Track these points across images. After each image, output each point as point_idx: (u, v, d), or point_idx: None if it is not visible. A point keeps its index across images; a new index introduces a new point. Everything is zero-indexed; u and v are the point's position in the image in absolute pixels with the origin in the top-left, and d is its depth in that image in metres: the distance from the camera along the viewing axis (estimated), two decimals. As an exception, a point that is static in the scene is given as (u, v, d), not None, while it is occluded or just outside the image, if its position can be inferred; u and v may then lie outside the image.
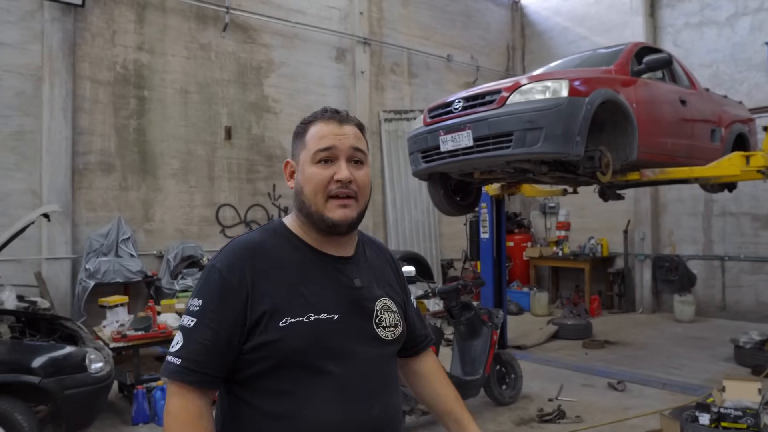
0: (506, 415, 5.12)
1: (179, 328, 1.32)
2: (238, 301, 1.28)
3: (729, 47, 9.48)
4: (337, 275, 1.41)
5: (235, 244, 1.38)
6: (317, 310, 1.33)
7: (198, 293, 1.32)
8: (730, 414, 3.98)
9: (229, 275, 1.30)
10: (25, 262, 6.78)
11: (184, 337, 1.28)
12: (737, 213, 9.31)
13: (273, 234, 1.42)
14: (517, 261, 11.39)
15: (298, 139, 1.45)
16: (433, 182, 6.09)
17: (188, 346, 1.27)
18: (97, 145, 7.35)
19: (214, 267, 1.33)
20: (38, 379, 3.94)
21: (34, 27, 6.87)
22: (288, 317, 1.29)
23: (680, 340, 7.91)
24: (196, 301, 1.31)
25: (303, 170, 1.40)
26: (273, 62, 8.95)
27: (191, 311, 1.30)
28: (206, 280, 1.33)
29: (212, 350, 1.26)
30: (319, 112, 1.45)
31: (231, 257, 1.33)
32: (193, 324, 1.28)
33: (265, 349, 1.28)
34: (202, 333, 1.27)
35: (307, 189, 1.38)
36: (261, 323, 1.28)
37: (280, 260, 1.36)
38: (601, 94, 4.86)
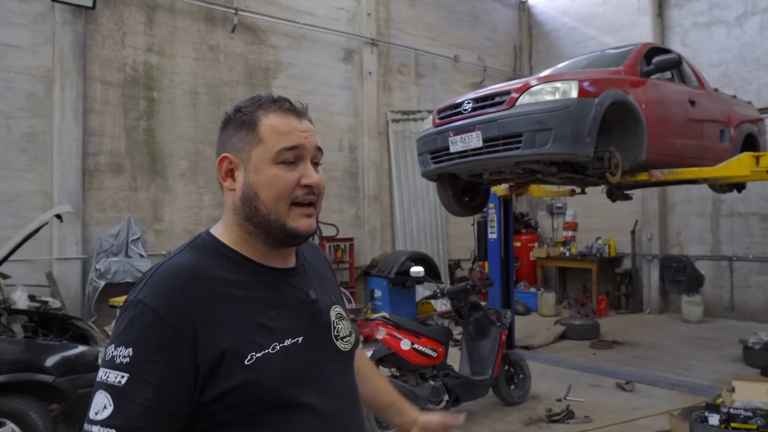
0: (515, 415, 5.13)
1: (102, 388, 1.00)
2: (182, 345, 1.02)
3: (738, 47, 9.44)
4: (290, 290, 1.22)
5: (163, 271, 1.10)
6: (280, 336, 1.13)
7: (123, 340, 1.02)
8: (740, 415, 3.98)
9: (166, 313, 1.03)
10: (37, 262, 6.84)
11: (116, 400, 0.98)
12: (746, 213, 9.28)
13: (207, 253, 1.16)
14: (524, 261, 11.40)
15: (241, 130, 1.19)
16: (442, 183, 6.11)
17: (124, 411, 0.98)
18: (107, 146, 7.41)
19: (140, 303, 1.04)
20: (52, 378, 3.98)
21: (46, 29, 6.93)
22: (252, 353, 1.07)
23: (688, 341, 7.89)
24: (122, 350, 1.01)
25: (259, 170, 1.16)
26: (281, 63, 8.99)
27: (118, 364, 1.00)
28: (133, 322, 1.03)
29: (156, 411, 0.99)
30: (266, 99, 1.22)
31: (164, 290, 1.06)
32: (125, 381, 0.99)
33: (234, 395, 1.05)
34: (139, 391, 0.99)
35: (265, 194, 1.16)
36: (221, 367, 1.04)
37: (225, 284, 1.12)
38: (610, 95, 4.87)
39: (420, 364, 4.60)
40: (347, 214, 9.75)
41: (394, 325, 4.59)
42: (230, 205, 1.21)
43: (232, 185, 1.20)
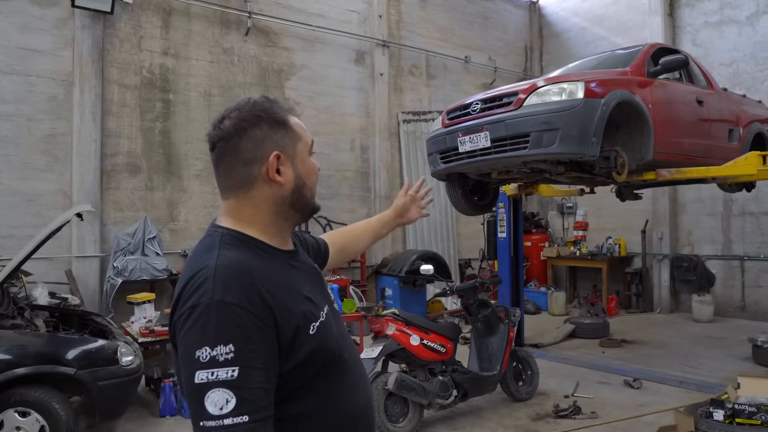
0: (523, 410, 5.21)
1: (216, 386, 1.08)
2: (269, 330, 1.15)
3: (749, 46, 9.43)
4: (305, 267, 1.41)
5: (226, 270, 1.18)
6: (320, 306, 1.32)
7: (218, 338, 1.10)
8: (745, 410, 4.03)
9: (250, 306, 1.14)
10: (56, 260, 7.04)
11: (236, 391, 1.08)
12: (757, 213, 9.27)
13: (243, 246, 1.26)
14: (534, 261, 11.44)
15: (282, 128, 1.32)
16: (451, 182, 6.21)
17: (248, 398, 1.09)
18: (124, 147, 7.60)
19: (224, 303, 1.12)
20: (73, 370, 4.14)
21: (66, 34, 7.13)
22: (312, 323, 1.25)
23: (698, 340, 7.91)
24: (222, 348, 1.09)
25: (304, 162, 1.35)
26: (294, 65, 9.14)
27: (224, 361, 1.08)
28: (223, 321, 1.11)
29: (268, 390, 1.14)
30: (275, 101, 1.36)
31: (237, 286, 1.15)
32: (238, 373, 1.09)
33: (307, 362, 1.22)
34: (254, 377, 1.11)
35: (310, 181, 1.37)
36: (296, 340, 1.20)
37: (271, 271, 1.25)
38: (616, 96, 4.94)
39: (429, 359, 4.71)
40: (359, 213, 9.87)
41: (403, 321, 4.70)
42: (269, 198, 1.30)
43: (280, 178, 1.30)
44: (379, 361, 4.61)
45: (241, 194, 1.31)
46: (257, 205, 1.31)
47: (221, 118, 1.31)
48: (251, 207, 1.31)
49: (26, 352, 4.06)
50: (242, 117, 1.29)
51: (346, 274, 9.12)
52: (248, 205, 1.31)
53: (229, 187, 1.32)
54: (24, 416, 3.95)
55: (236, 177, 1.30)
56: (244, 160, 1.28)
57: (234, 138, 1.28)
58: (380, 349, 4.53)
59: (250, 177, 1.29)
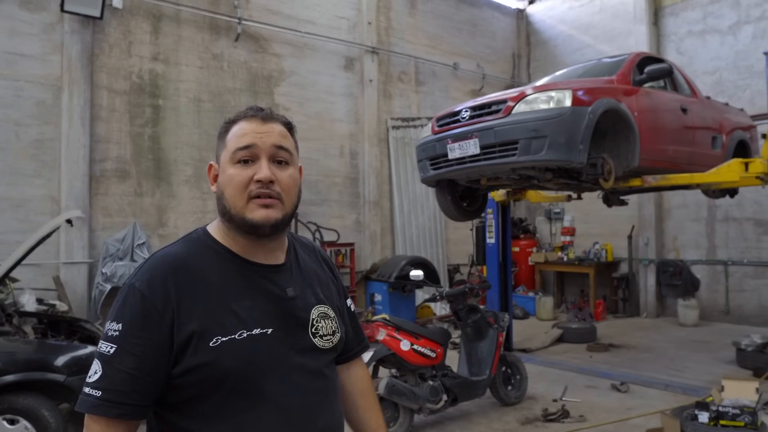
0: (512, 414, 5.26)
1: (97, 357, 1.18)
2: (163, 323, 1.17)
3: (732, 55, 9.62)
4: (269, 286, 1.31)
5: (155, 259, 1.26)
6: (249, 325, 1.24)
7: (116, 316, 1.19)
8: (729, 412, 4.12)
9: (151, 294, 1.18)
10: (44, 266, 6.99)
11: (104, 366, 1.15)
12: (740, 218, 9.43)
13: (196, 245, 1.30)
14: (522, 266, 11.53)
15: (219, 139, 1.35)
16: (440, 189, 6.27)
17: (110, 376, 1.14)
18: (113, 153, 7.58)
19: (132, 286, 1.20)
20: (63, 377, 4.11)
21: (55, 39, 7.11)
22: (218, 336, 1.19)
23: (683, 344, 8.03)
24: (114, 325, 1.18)
25: (224, 171, 1.30)
26: (283, 71, 9.17)
27: (110, 336, 1.17)
28: (125, 301, 1.20)
29: (137, 379, 1.15)
30: (242, 111, 1.36)
31: (151, 274, 1.21)
32: (113, 351, 1.15)
33: (196, 372, 1.18)
34: (124, 360, 1.15)
35: (228, 191, 1.28)
36: (190, 345, 1.18)
37: (206, 274, 1.25)
38: (603, 104, 5.03)
39: (419, 364, 4.74)
40: (348, 219, 9.90)
41: (394, 326, 4.73)
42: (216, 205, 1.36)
43: (215, 188, 1.35)
44: (370, 367, 4.64)
45: None
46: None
47: None
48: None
49: (15, 359, 4.03)
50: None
51: (335, 279, 9.12)
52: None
53: None
54: (12, 424, 3.92)
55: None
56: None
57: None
58: (371, 355, 4.56)
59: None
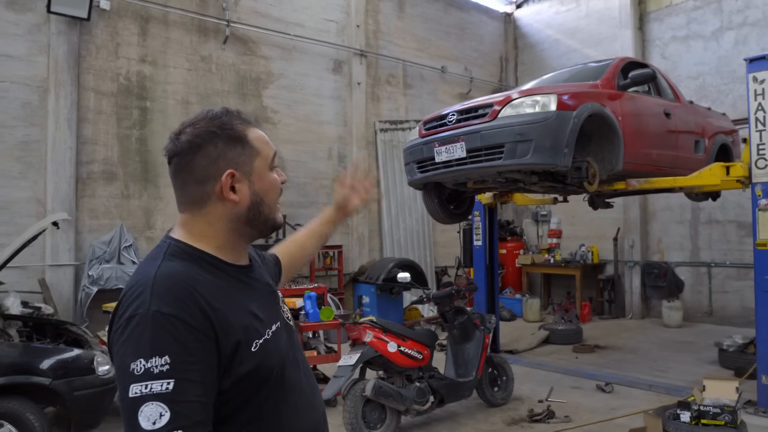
0: (498, 415, 5.31)
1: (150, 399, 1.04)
2: (208, 342, 1.12)
3: (715, 60, 9.77)
4: (258, 284, 1.36)
5: (165, 281, 1.16)
6: (268, 323, 1.28)
7: (153, 350, 1.07)
8: (710, 411, 4.19)
9: (189, 317, 1.11)
10: (29, 268, 6.94)
11: (170, 405, 1.04)
12: (723, 221, 9.58)
13: (190, 259, 1.23)
14: (510, 268, 11.61)
15: (237, 145, 1.27)
16: (427, 191, 6.31)
17: (183, 412, 1.05)
18: (100, 155, 7.54)
19: (160, 314, 1.09)
20: (48, 380, 4.10)
21: (41, 40, 7.07)
22: (255, 340, 1.21)
23: (668, 345, 8.13)
24: (158, 360, 1.06)
25: (261, 179, 1.29)
26: (272, 74, 9.18)
27: (159, 373, 1.05)
28: (159, 332, 1.08)
29: (206, 404, 1.10)
30: (235, 114, 1.31)
31: (175, 297, 1.12)
32: (174, 385, 1.05)
33: (246, 379, 1.18)
34: (190, 390, 1.07)
35: (269, 198, 1.30)
36: (236, 356, 1.16)
37: (217, 284, 1.22)
38: (588, 108, 5.09)
39: (406, 366, 4.78)
40: (336, 221, 9.90)
41: (381, 328, 4.76)
42: (224, 216, 1.27)
43: (235, 197, 1.26)
44: (357, 368, 4.67)
45: (195, 210, 1.28)
46: (210, 222, 1.28)
47: (178, 132, 1.27)
48: (205, 223, 1.28)
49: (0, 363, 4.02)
50: (197, 133, 1.25)
51: (323, 281, 9.15)
52: (202, 221, 1.28)
53: (184, 203, 1.29)
54: (-3, 427, 3.91)
55: (190, 194, 1.27)
56: (197, 178, 1.25)
57: (188, 155, 1.25)
58: (358, 357, 4.59)
59: (203, 195, 1.26)
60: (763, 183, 5.27)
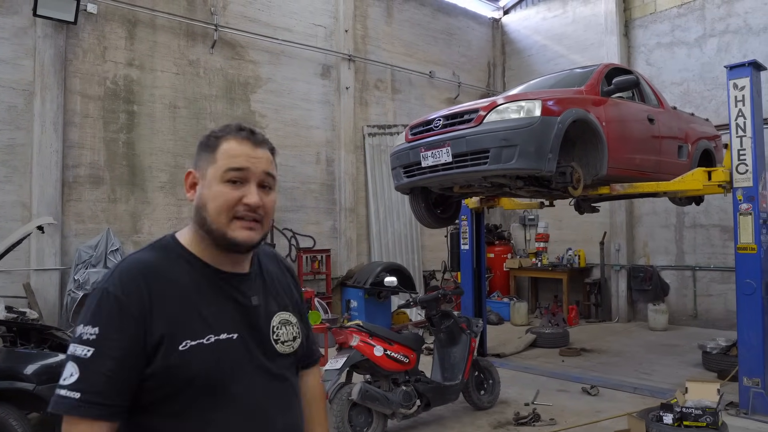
0: (484, 419, 5.34)
1: (71, 359, 1.20)
2: (139, 327, 1.22)
3: (698, 67, 9.92)
4: (234, 293, 1.38)
5: (126, 264, 1.30)
6: (217, 330, 1.30)
7: (90, 320, 1.22)
8: (692, 413, 4.25)
9: (126, 299, 1.23)
10: (14, 273, 6.89)
11: (81, 369, 1.18)
12: (707, 225, 9.70)
13: (166, 252, 1.35)
14: (497, 272, 11.67)
15: (205, 151, 1.38)
16: (414, 196, 6.35)
17: (88, 378, 1.18)
18: (86, 159, 7.51)
19: (106, 290, 1.24)
20: (32, 386, 4.06)
21: (27, 43, 7.04)
22: (187, 340, 1.25)
23: (653, 348, 8.22)
24: (89, 329, 1.21)
25: (209, 186, 1.34)
26: (260, 78, 9.19)
27: (86, 340, 1.20)
28: (99, 305, 1.23)
29: (116, 381, 1.19)
30: (232, 128, 1.39)
31: (125, 279, 1.25)
32: (91, 353, 1.18)
33: (166, 374, 1.23)
34: (103, 363, 1.19)
35: (211, 206, 1.33)
36: (160, 348, 1.23)
37: (176, 280, 1.30)
38: (572, 114, 5.16)
39: (392, 369, 4.79)
40: (324, 226, 9.93)
41: (367, 332, 4.78)
42: (192, 213, 1.40)
43: (192, 196, 1.39)
44: (344, 372, 4.68)
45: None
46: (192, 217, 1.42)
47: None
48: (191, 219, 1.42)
49: (-17, 368, 3.99)
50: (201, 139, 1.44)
51: (311, 285, 9.15)
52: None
53: None
54: (-21, 434, 3.87)
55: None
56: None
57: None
58: (344, 360, 4.60)
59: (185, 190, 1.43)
60: (743, 188, 5.36)
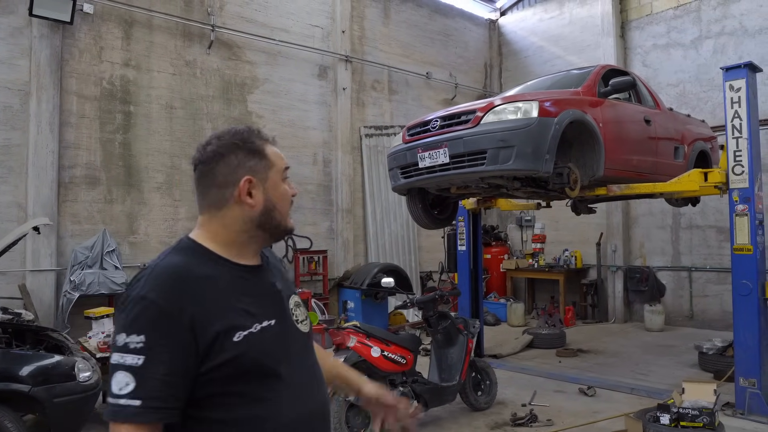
0: (481, 420, 5.34)
1: (123, 369, 1.23)
2: (182, 329, 1.26)
3: (694, 68, 9.95)
4: (262, 283, 1.49)
5: (159, 269, 1.34)
6: (260, 318, 1.39)
7: (134, 328, 1.25)
8: (688, 414, 4.26)
9: (167, 304, 1.27)
10: (10, 274, 6.85)
11: (137, 377, 1.22)
12: (703, 226, 9.73)
13: (192, 253, 1.41)
14: (494, 273, 11.67)
15: (256, 157, 1.46)
16: (411, 197, 6.35)
17: (145, 385, 1.22)
18: (82, 159, 7.48)
19: (145, 298, 1.27)
20: (28, 387, 4.04)
21: (23, 43, 7.01)
22: (240, 332, 1.32)
23: (649, 348, 8.23)
24: (135, 338, 1.24)
25: (275, 188, 1.47)
26: (257, 79, 9.17)
27: (134, 348, 1.23)
28: (140, 313, 1.26)
29: (171, 384, 1.25)
30: (257, 133, 1.50)
31: (162, 286, 1.30)
32: (143, 361, 1.22)
33: (225, 367, 1.30)
34: (156, 369, 1.23)
35: (281, 206, 1.48)
36: (216, 344, 1.29)
37: (211, 278, 1.36)
38: (569, 115, 5.17)
39: (390, 370, 4.79)
40: (321, 226, 9.92)
41: (364, 333, 4.78)
42: (239, 218, 1.44)
43: (251, 201, 1.45)
44: (341, 373, 4.67)
45: (213, 212, 1.46)
46: (225, 224, 1.45)
47: (205, 143, 1.47)
48: (219, 224, 1.45)
49: (-23, 370, 3.96)
50: (222, 144, 1.45)
51: (308, 287, 9.14)
52: (217, 222, 1.46)
53: (205, 205, 1.48)
54: (-26, 435, 3.85)
55: (211, 197, 1.46)
56: (218, 183, 1.44)
57: (212, 162, 1.45)
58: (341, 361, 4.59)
59: (223, 198, 1.44)
60: (740, 189, 5.38)
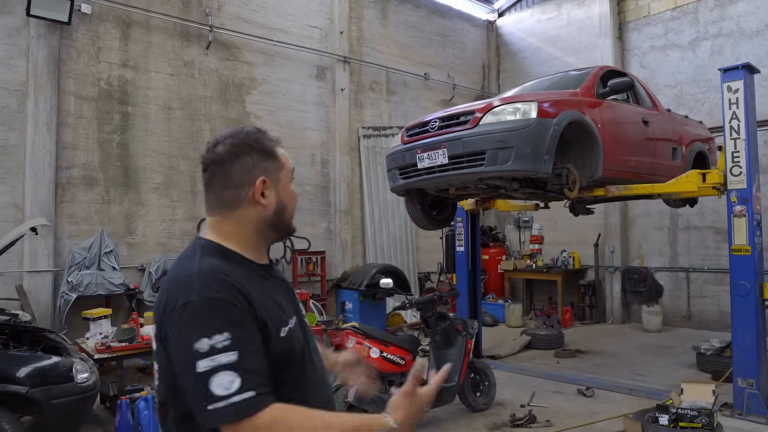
0: (480, 420, 5.34)
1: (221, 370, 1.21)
2: (253, 319, 1.32)
3: (692, 69, 9.97)
4: (278, 281, 1.55)
5: (209, 272, 1.33)
6: (289, 314, 1.47)
7: (213, 328, 1.24)
8: (687, 414, 4.27)
9: (235, 299, 1.29)
10: (7, 275, 6.83)
11: (239, 372, 1.22)
12: (701, 227, 9.75)
13: (221, 255, 1.41)
14: (492, 274, 11.67)
15: (269, 158, 1.49)
16: (410, 198, 6.34)
17: (250, 377, 1.23)
18: (80, 160, 7.46)
19: (213, 299, 1.28)
20: (26, 388, 4.04)
21: (20, 43, 6.99)
22: (282, 326, 1.39)
23: (647, 349, 8.24)
24: (218, 337, 1.23)
25: (285, 188, 1.52)
26: (255, 79, 9.16)
27: (222, 347, 1.23)
28: (210, 314, 1.26)
29: (265, 369, 1.29)
30: (267, 135, 1.52)
31: (219, 284, 1.31)
32: (237, 356, 1.23)
33: (276, 359, 1.35)
34: (251, 360, 1.25)
35: (291, 206, 1.54)
36: (270, 338, 1.35)
37: (247, 279, 1.38)
38: (567, 116, 5.16)
39: (388, 371, 4.79)
40: (319, 227, 9.91)
41: (363, 334, 4.78)
42: (252, 218, 1.46)
43: (265, 201, 1.47)
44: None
45: (226, 212, 1.47)
46: (240, 224, 1.47)
47: (215, 143, 1.47)
48: (234, 224, 1.47)
49: (-25, 371, 3.95)
50: (235, 144, 1.46)
51: (306, 287, 9.13)
52: (231, 222, 1.47)
53: (217, 206, 1.48)
54: (-29, 437, 3.84)
55: (225, 197, 1.46)
56: (234, 183, 1.45)
57: (227, 163, 1.45)
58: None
59: (238, 198, 1.45)
60: (737, 190, 5.39)
